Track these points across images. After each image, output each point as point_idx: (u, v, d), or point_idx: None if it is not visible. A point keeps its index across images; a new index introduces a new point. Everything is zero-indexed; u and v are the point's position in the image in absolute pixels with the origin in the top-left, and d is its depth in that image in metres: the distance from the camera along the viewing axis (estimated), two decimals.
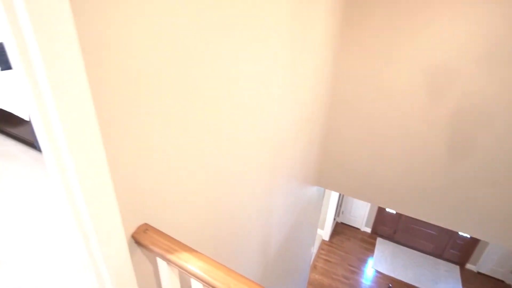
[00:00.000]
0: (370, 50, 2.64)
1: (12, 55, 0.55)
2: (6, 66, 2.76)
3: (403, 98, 2.67)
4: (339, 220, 7.30)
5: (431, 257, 6.37)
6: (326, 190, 5.28)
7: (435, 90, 2.53)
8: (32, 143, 2.74)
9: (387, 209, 6.41)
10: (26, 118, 2.48)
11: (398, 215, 6.41)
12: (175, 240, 0.84)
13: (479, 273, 5.99)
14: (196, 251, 0.83)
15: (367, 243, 6.82)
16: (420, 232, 6.39)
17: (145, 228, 0.85)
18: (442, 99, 2.54)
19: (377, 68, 2.65)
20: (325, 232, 6.71)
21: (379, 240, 6.82)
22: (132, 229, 0.84)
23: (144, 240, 0.82)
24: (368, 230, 7.07)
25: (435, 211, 3.03)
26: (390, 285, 5.78)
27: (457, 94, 2.48)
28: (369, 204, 6.70)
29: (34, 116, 0.60)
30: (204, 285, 0.79)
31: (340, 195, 6.42)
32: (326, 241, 6.75)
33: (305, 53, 1.85)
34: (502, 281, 5.79)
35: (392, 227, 6.70)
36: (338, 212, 7.02)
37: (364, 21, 2.56)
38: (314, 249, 6.10)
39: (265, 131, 1.60)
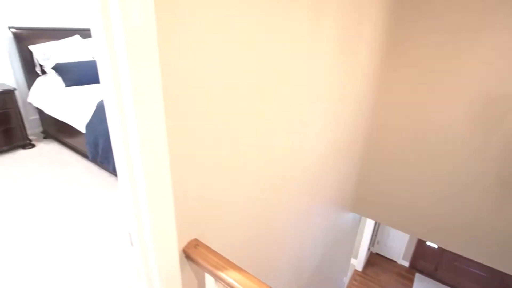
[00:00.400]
0: (415, 76, 2.57)
1: (105, 77, 0.63)
2: (70, 83, 3.07)
3: (451, 128, 2.54)
4: (374, 250, 6.90)
5: None
6: (362, 218, 5.06)
7: (488, 121, 2.38)
8: (84, 153, 2.98)
9: (428, 243, 5.96)
10: (82, 131, 2.71)
11: (441, 250, 5.92)
12: (223, 257, 0.86)
13: None
14: (243, 270, 0.84)
15: (404, 278, 6.33)
16: (466, 271, 5.82)
17: (196, 244, 0.88)
18: (495, 131, 2.38)
19: (423, 95, 2.57)
20: (358, 262, 6.36)
21: (418, 277, 6.31)
22: (183, 244, 0.87)
23: (194, 255, 0.85)
24: (406, 263, 6.58)
25: (485, 250, 2.77)
26: None
27: None
28: (407, 236, 6.28)
29: (115, 134, 0.67)
30: None
31: (376, 223, 6.10)
32: (359, 271, 6.38)
33: (348, 78, 1.86)
34: None
35: (433, 263, 6.18)
36: (373, 241, 6.64)
37: (409, 47, 2.52)
38: (347, 279, 5.79)
39: (307, 154, 1.60)
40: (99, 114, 2.51)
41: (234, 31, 0.83)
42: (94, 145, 2.54)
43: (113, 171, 2.56)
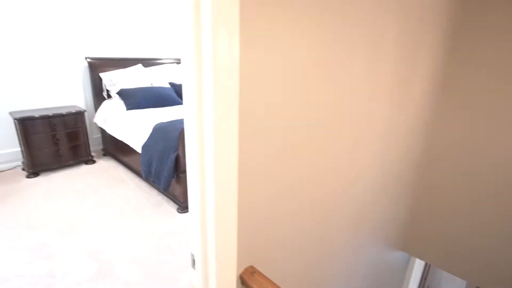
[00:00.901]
0: (480, 108, 2.42)
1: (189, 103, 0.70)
2: (131, 107, 3.37)
3: None
4: None
5: None
6: (411, 258, 4.65)
7: None
8: (137, 172, 3.19)
9: None
10: (138, 151, 2.93)
11: None
12: (278, 286, 0.86)
13: None
14: None
15: None
16: None
17: (252, 271, 0.89)
18: None
19: (488, 128, 2.40)
20: None
21: None
22: (240, 270, 0.89)
23: (251, 282, 0.86)
24: None
25: None
26: None
27: None
28: (464, 282, 5.61)
29: (192, 166, 0.73)
30: None
31: (426, 265, 5.56)
32: None
33: (404, 108, 1.81)
34: None
35: None
36: (422, 286, 6.03)
37: (471, 72, 2.40)
38: None
39: (359, 186, 1.56)
40: (155, 136, 2.71)
41: (296, 84, 0.88)
42: (148, 165, 2.72)
43: (162, 191, 2.70)
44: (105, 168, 3.50)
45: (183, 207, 2.61)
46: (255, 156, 0.82)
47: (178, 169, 2.49)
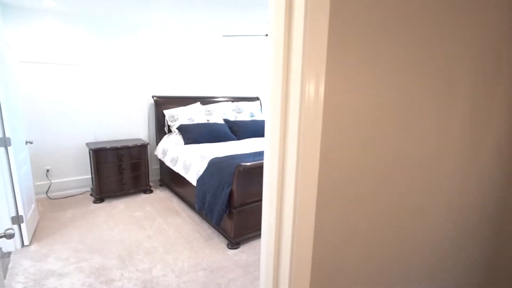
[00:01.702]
0: None
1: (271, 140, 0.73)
2: (189, 141, 3.60)
3: None
4: None
5: None
6: None
7: None
8: (190, 203, 3.32)
9: None
10: (193, 183, 3.07)
11: None
12: None
13: None
14: None
15: None
16: None
17: None
18: None
19: None
20: None
21: None
22: None
23: None
24: None
25: None
26: None
27: None
28: None
29: (269, 203, 0.75)
30: None
31: None
32: None
33: (479, 151, 1.67)
34: None
35: None
36: None
37: None
38: None
39: (431, 237, 1.44)
40: (210, 170, 2.83)
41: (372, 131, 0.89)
42: (202, 198, 2.82)
43: (214, 224, 2.75)
44: (161, 198, 3.70)
45: (233, 243, 2.61)
46: (333, 195, 0.82)
47: (231, 204, 2.54)
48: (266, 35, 3.34)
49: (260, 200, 2.71)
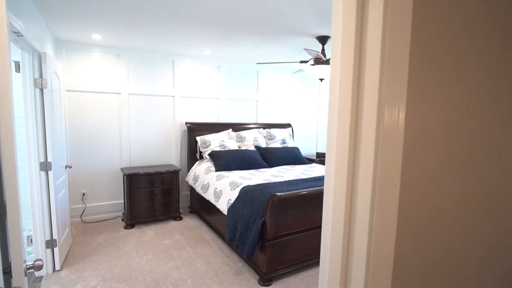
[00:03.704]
0: None
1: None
2: (220, 168, 3.55)
3: None
4: None
5: None
6: None
7: None
8: (220, 233, 3.19)
9: None
10: (223, 212, 2.96)
11: None
12: None
13: None
14: None
15: None
16: None
17: None
18: None
19: None
20: None
21: None
22: None
23: None
24: None
25: None
26: None
27: None
28: None
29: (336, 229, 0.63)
30: None
31: None
32: None
33: None
34: None
35: None
36: None
37: None
38: None
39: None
40: (242, 199, 2.71)
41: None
42: (232, 228, 2.68)
43: (245, 257, 2.58)
44: (191, 226, 3.61)
45: (265, 279, 2.42)
46: (411, 236, 0.67)
47: (264, 237, 2.38)
48: (300, 61, 3.31)
49: (295, 233, 2.52)
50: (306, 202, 2.55)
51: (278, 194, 2.35)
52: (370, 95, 0.54)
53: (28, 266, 1.00)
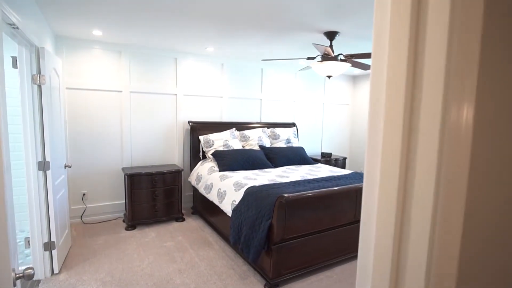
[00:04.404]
0: None
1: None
2: (223, 168, 3.45)
3: None
4: None
5: None
6: None
7: None
8: (224, 235, 3.09)
9: None
10: (227, 213, 2.86)
11: None
12: None
13: None
14: None
15: None
16: None
17: None
18: None
19: None
20: None
21: None
22: None
23: None
24: None
25: None
26: None
27: None
28: None
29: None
30: None
31: None
32: None
33: None
34: None
35: None
36: None
37: None
38: None
39: None
40: (247, 200, 2.61)
41: None
42: (237, 231, 2.58)
43: (250, 261, 2.48)
44: (193, 227, 3.51)
45: (271, 284, 2.32)
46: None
47: (270, 240, 2.27)
48: (307, 58, 3.21)
49: (303, 236, 2.42)
50: (314, 204, 2.45)
51: (286, 195, 2.25)
52: (432, 90, 0.44)
53: (17, 275, 0.91)
